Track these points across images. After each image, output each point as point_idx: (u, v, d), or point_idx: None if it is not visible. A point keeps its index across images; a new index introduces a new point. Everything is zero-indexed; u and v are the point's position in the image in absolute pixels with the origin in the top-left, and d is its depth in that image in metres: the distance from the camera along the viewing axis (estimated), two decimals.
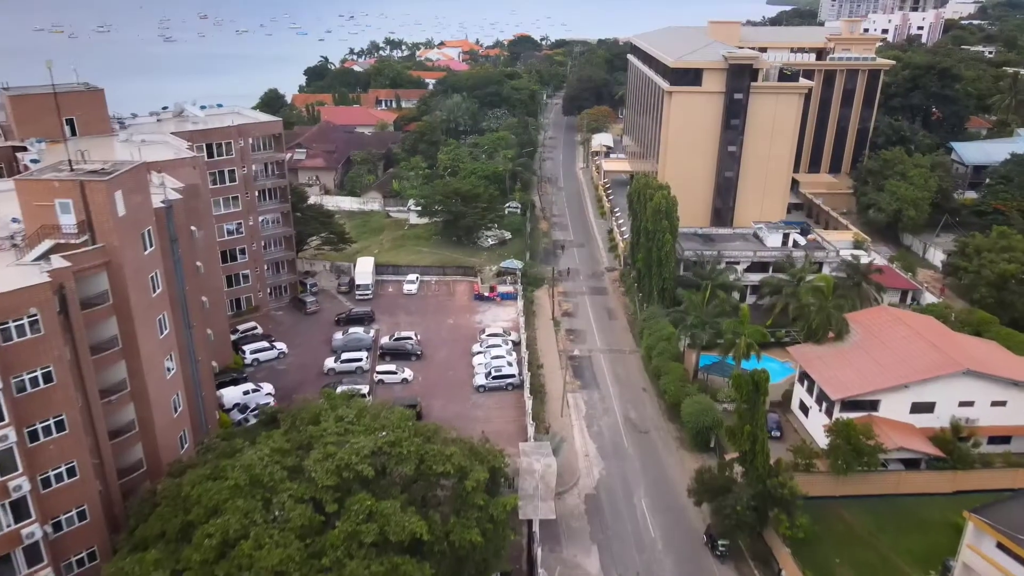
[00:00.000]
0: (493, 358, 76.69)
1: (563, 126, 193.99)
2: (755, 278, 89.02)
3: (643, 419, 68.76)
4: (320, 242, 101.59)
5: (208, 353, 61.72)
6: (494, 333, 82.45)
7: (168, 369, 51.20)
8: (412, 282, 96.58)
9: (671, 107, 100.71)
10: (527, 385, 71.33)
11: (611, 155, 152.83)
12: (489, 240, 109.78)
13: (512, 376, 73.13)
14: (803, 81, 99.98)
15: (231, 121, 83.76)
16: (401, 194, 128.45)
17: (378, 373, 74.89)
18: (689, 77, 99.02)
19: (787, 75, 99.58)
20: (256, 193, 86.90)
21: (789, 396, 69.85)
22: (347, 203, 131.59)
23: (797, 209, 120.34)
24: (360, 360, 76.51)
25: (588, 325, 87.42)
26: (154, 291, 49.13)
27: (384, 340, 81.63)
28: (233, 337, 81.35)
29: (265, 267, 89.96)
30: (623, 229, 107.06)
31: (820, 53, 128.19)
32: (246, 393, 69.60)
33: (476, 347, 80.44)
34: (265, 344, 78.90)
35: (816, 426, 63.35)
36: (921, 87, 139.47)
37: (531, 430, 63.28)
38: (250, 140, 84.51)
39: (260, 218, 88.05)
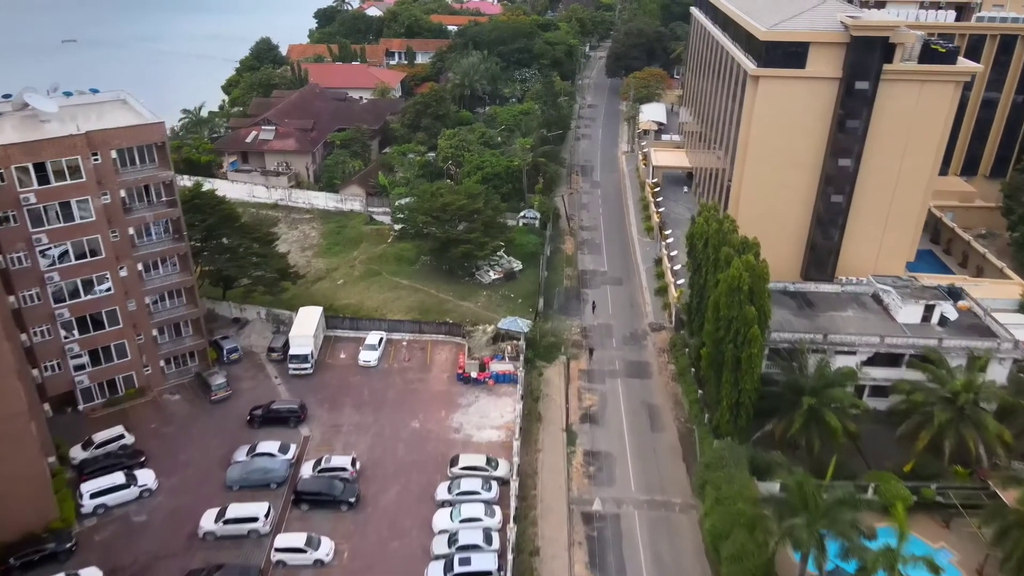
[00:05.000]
0: (463, 522, 48.37)
1: (606, 89, 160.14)
2: (881, 375, 58.33)
3: None
4: (251, 282, 72.76)
5: None
6: (471, 466, 53.47)
7: None
8: (373, 348, 67.92)
9: (757, 97, 68.23)
10: None
11: (662, 135, 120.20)
12: (491, 274, 80.00)
13: (488, 574, 44.72)
14: (965, 63, 66.07)
15: (78, 125, 54.94)
16: (388, 191, 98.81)
17: (278, 551, 47.05)
18: (787, 55, 66.20)
19: (937, 52, 65.85)
20: (132, 231, 58.62)
21: None
22: (321, 200, 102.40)
23: None
24: (256, 520, 48.73)
25: (619, 442, 58.05)
26: None
27: (304, 472, 53.72)
28: (84, 455, 54.55)
29: (155, 332, 62.37)
30: (676, 268, 76.24)
31: (961, 10, 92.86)
32: None
33: (442, 490, 51.96)
34: (119, 479, 51.48)
35: None
36: None
37: None
38: (112, 153, 55.74)
39: (140, 265, 59.93)
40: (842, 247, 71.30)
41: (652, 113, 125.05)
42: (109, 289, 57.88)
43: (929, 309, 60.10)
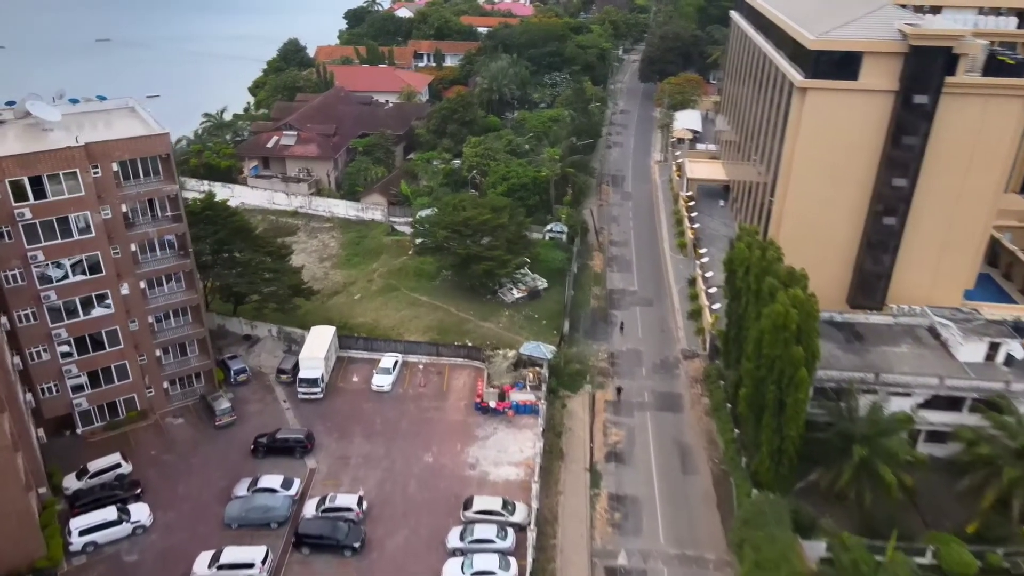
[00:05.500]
0: (475, 575, 44.35)
1: (639, 94, 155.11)
2: (938, 419, 53.06)
3: None
4: (262, 298, 69.43)
5: None
6: (486, 510, 49.44)
7: None
8: (387, 372, 64.20)
9: (804, 110, 63.14)
10: None
11: (697, 144, 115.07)
12: (514, 292, 75.86)
13: None
14: None
15: (77, 136, 51.90)
16: (411, 200, 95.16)
17: None
18: (838, 65, 61.04)
19: (1004, 64, 60.20)
20: (134, 247, 55.55)
21: None
22: (342, 208, 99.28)
23: None
24: (252, 566, 45.25)
25: (647, 486, 53.49)
26: None
27: (308, 510, 50.13)
28: (78, 485, 51.56)
29: (158, 352, 59.31)
30: (711, 291, 71.39)
31: (1023, 16, 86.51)
32: None
33: (454, 537, 47.94)
34: (111, 514, 48.27)
35: None
36: None
37: None
38: (113, 166, 52.67)
39: (143, 283, 56.87)
40: (894, 273, 65.90)
41: (687, 121, 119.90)
42: (110, 308, 54.91)
43: (994, 347, 54.70)
